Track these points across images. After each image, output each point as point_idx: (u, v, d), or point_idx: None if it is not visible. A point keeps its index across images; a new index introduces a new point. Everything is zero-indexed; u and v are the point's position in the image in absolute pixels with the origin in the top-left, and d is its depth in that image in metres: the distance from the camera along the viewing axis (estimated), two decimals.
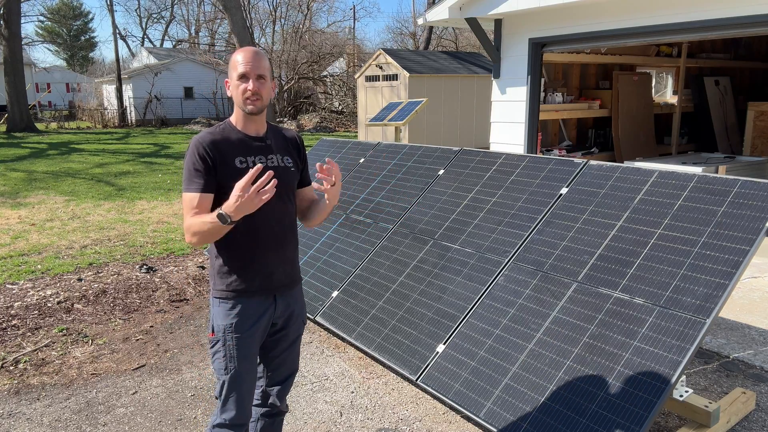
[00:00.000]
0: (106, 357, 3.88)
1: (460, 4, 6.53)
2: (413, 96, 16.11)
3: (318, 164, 2.11)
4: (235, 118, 2.19)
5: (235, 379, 2.14)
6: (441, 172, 4.48)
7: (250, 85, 2.09)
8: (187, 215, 2.04)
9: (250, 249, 2.13)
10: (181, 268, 5.78)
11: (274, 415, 2.43)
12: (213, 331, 2.16)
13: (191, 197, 2.04)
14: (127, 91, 29.64)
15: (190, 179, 2.05)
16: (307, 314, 4.13)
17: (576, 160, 3.73)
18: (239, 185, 1.87)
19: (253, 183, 1.89)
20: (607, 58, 8.35)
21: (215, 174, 2.06)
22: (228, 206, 1.90)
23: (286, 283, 2.24)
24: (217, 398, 2.19)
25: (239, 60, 2.10)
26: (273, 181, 1.90)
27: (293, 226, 2.27)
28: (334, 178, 2.13)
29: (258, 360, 2.27)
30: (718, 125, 9.45)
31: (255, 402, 2.38)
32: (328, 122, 25.88)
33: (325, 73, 30.49)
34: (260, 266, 2.15)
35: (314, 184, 2.26)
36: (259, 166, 1.89)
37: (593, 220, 3.29)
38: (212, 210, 2.02)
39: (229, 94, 2.17)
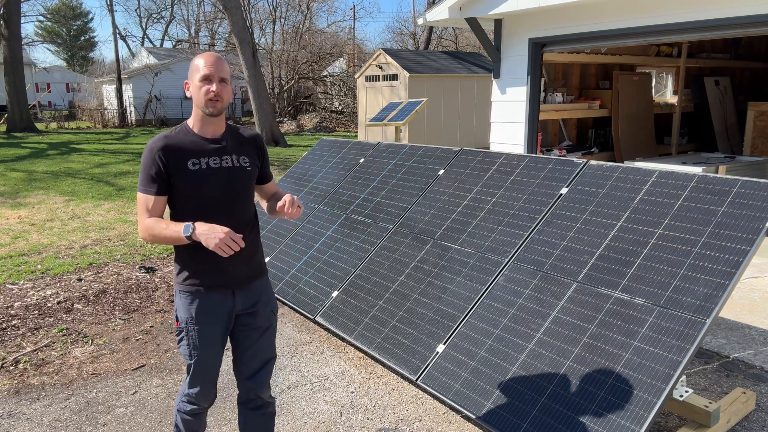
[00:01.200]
0: (106, 357, 3.88)
1: (460, 4, 6.53)
2: (413, 96, 16.11)
3: (281, 204, 2.24)
4: (193, 120, 2.28)
5: (200, 362, 2.32)
6: (441, 172, 4.48)
7: (213, 86, 2.17)
8: (143, 215, 2.21)
9: (203, 246, 2.22)
10: None
11: (260, 407, 2.49)
12: (177, 321, 2.32)
13: (146, 198, 2.20)
14: (127, 91, 29.63)
15: (145, 182, 2.20)
16: (307, 314, 4.13)
17: (576, 160, 3.73)
18: (227, 232, 2.06)
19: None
20: (607, 58, 8.35)
21: (168, 177, 2.19)
22: (200, 233, 2.07)
23: (243, 279, 2.33)
24: (187, 373, 2.38)
25: (202, 63, 2.18)
26: (238, 245, 2.08)
27: (250, 224, 2.36)
28: (288, 212, 2.25)
29: (224, 350, 2.40)
30: (718, 125, 9.45)
31: (239, 400, 2.50)
32: (328, 122, 25.87)
33: (325, 73, 30.49)
34: (216, 263, 2.25)
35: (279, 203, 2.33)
36: (241, 242, 2.09)
37: (593, 220, 3.29)
38: (170, 202, 2.25)
39: (188, 95, 2.25)
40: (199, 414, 2.45)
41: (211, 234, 2.06)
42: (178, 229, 2.10)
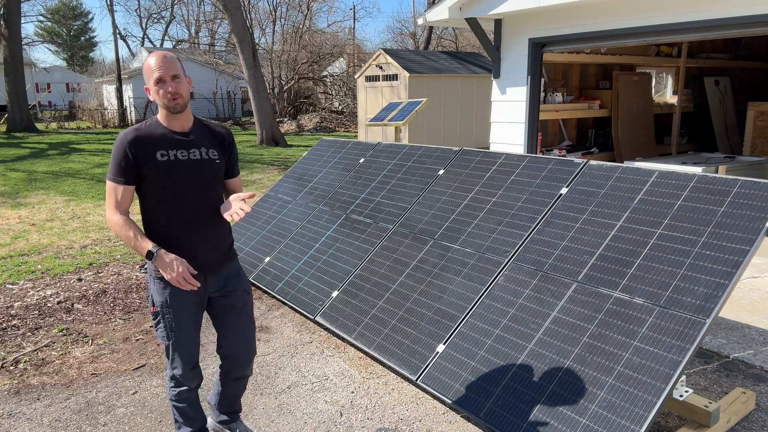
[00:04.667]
0: (106, 357, 3.88)
1: (460, 4, 6.53)
2: (413, 96, 16.11)
3: (240, 200, 2.31)
4: (161, 116, 2.40)
5: (176, 343, 2.45)
6: (441, 172, 4.48)
7: (169, 87, 2.27)
8: (111, 203, 2.33)
9: (174, 232, 2.38)
10: None
11: (242, 378, 2.72)
12: (153, 305, 2.44)
13: (114, 187, 2.32)
14: (127, 91, 29.63)
15: (114, 171, 2.31)
16: (307, 314, 4.14)
17: (576, 160, 3.73)
18: (185, 270, 2.25)
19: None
20: (607, 58, 8.35)
21: (137, 168, 2.31)
22: (160, 260, 2.25)
23: (213, 263, 2.48)
24: (166, 357, 2.51)
25: (152, 65, 2.26)
26: (193, 286, 2.27)
27: (217, 212, 2.47)
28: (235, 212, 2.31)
29: (199, 330, 2.54)
30: (718, 125, 9.45)
31: (222, 369, 2.69)
32: (328, 122, 25.86)
33: (325, 73, 30.48)
34: (185, 248, 2.39)
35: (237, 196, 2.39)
36: (196, 283, 2.27)
37: (593, 220, 3.29)
38: (139, 191, 2.38)
39: (151, 98, 2.35)
40: (189, 398, 2.59)
41: (170, 266, 2.23)
42: (145, 246, 2.26)
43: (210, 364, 3.73)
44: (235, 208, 2.29)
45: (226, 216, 2.37)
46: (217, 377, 2.82)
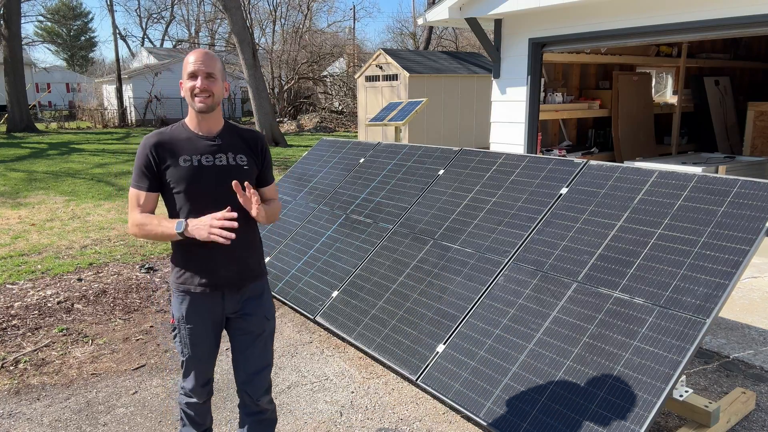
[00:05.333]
0: (106, 357, 3.88)
1: (460, 4, 6.53)
2: (413, 96, 16.11)
3: (235, 184, 2.13)
4: (189, 118, 2.28)
5: (191, 359, 2.35)
6: (441, 172, 4.48)
7: (198, 82, 2.16)
8: (134, 210, 2.21)
9: (196, 246, 2.21)
10: None
11: (257, 413, 2.45)
12: (173, 318, 2.35)
13: (138, 194, 2.20)
14: (127, 91, 29.63)
15: (137, 177, 2.21)
16: (307, 314, 4.13)
17: (576, 160, 3.73)
18: (216, 217, 2.05)
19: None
20: (607, 58, 8.35)
21: (159, 173, 2.19)
22: (192, 228, 2.09)
23: (234, 282, 2.29)
24: (181, 366, 2.42)
25: (190, 60, 2.18)
26: (230, 234, 2.06)
27: (245, 225, 2.30)
28: (255, 209, 2.16)
29: (217, 348, 2.42)
30: (718, 125, 9.44)
31: (239, 402, 2.49)
32: (328, 122, 25.86)
33: (325, 73, 30.49)
34: (205, 263, 2.24)
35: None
36: (233, 214, 2.06)
37: (593, 220, 3.29)
38: (164, 200, 2.24)
39: (182, 94, 2.24)
40: (197, 409, 2.48)
41: (201, 226, 2.06)
42: (171, 226, 2.12)
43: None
44: (254, 201, 2.14)
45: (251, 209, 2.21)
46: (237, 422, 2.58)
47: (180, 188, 2.19)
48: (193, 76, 2.16)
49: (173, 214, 2.24)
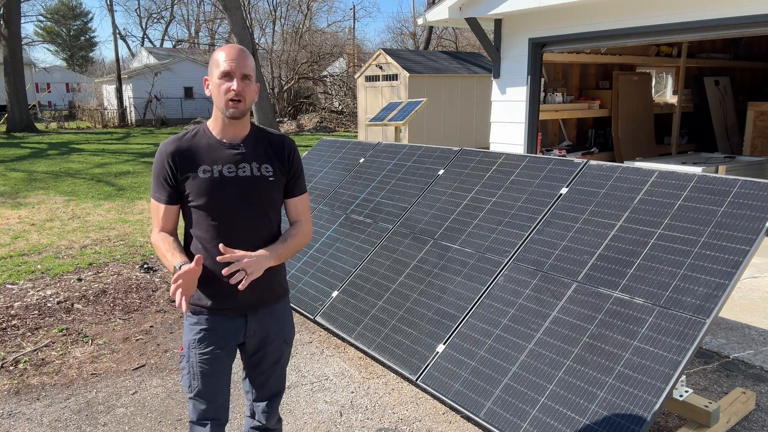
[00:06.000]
0: (106, 357, 3.88)
1: (460, 4, 6.52)
2: (413, 96, 16.11)
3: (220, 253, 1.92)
4: (213, 122, 2.04)
5: (199, 397, 2.08)
6: (441, 172, 4.48)
7: (234, 84, 1.91)
8: (155, 224, 2.02)
9: (214, 264, 2.00)
10: None
11: (264, 430, 2.31)
12: (182, 346, 2.10)
13: (157, 206, 2.01)
14: (127, 91, 29.64)
15: (157, 188, 2.01)
16: (307, 314, 4.13)
17: (576, 160, 3.73)
18: (179, 273, 1.79)
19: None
20: (607, 58, 8.35)
21: (177, 184, 1.98)
22: (182, 273, 1.82)
23: (254, 303, 2.07)
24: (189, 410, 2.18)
25: (223, 57, 1.91)
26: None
27: (271, 241, 2.06)
28: (240, 264, 1.88)
29: (228, 383, 2.17)
30: (718, 125, 9.45)
31: (246, 414, 2.31)
32: (328, 122, 25.87)
33: (325, 73, 30.49)
34: (224, 283, 2.01)
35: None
36: (191, 269, 1.81)
37: (593, 220, 3.29)
38: (183, 213, 2.04)
39: (208, 93, 2.01)
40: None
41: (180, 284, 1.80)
42: (173, 262, 1.91)
43: None
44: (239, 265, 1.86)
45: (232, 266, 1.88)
46: None
47: (199, 202, 1.97)
48: (227, 76, 1.91)
49: (190, 228, 2.04)
